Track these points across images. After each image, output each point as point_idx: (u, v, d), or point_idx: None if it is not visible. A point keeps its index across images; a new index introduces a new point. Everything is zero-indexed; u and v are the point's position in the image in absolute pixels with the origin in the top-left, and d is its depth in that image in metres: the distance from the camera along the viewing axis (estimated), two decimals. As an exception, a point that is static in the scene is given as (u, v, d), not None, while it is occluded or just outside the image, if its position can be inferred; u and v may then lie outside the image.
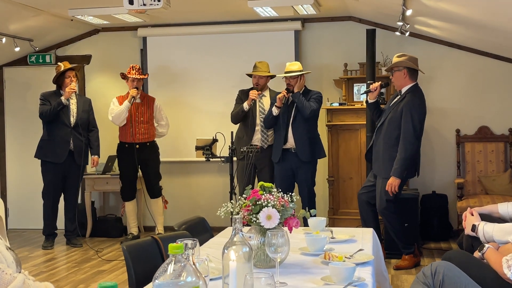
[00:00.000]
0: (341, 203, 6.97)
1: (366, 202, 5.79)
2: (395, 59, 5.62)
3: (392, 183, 5.42)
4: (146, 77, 7.04)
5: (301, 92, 6.08)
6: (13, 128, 8.20)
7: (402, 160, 5.40)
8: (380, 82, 5.75)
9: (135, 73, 6.88)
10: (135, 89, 6.85)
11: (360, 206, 5.87)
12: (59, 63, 6.91)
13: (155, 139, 7.16)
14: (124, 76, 6.94)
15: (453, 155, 7.19)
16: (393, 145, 5.48)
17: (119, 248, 6.81)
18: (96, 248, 6.75)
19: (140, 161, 7.01)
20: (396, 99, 5.63)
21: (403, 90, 5.57)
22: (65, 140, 6.77)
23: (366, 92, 5.81)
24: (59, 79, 6.81)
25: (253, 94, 6.34)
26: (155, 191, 7.19)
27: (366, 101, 5.86)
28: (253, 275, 1.96)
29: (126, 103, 6.86)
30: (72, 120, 6.80)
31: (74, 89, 6.72)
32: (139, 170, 7.16)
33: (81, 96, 7.08)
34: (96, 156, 7.00)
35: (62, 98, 6.67)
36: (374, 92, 5.72)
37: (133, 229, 7.25)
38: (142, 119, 6.98)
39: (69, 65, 6.84)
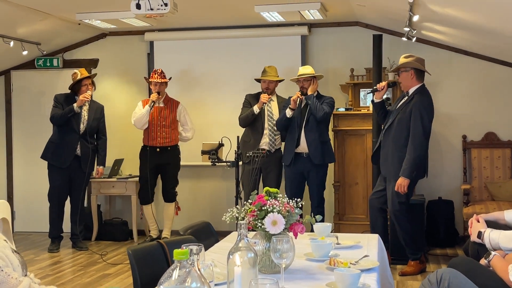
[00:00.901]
0: (347, 208, 6.96)
1: (378, 209, 5.77)
2: (402, 60, 5.62)
3: (402, 183, 5.41)
4: (166, 80, 6.99)
5: (314, 95, 6.11)
6: (21, 131, 8.23)
7: (412, 160, 5.39)
8: (387, 81, 5.76)
9: (157, 77, 6.91)
10: (156, 93, 6.87)
11: (371, 212, 5.85)
12: (75, 71, 6.91)
13: (178, 144, 7.15)
14: (147, 80, 6.98)
15: (459, 161, 7.18)
16: (402, 146, 5.48)
17: (124, 251, 6.82)
18: (102, 252, 6.76)
19: (160, 165, 7.01)
20: (403, 100, 5.62)
21: (410, 91, 5.57)
22: (72, 147, 6.78)
23: (373, 91, 5.80)
24: (75, 86, 6.83)
25: (264, 97, 6.38)
26: (169, 196, 7.19)
27: (372, 100, 5.85)
28: (258, 280, 1.96)
29: (146, 107, 6.88)
30: (82, 127, 6.81)
31: (88, 98, 6.72)
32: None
33: (95, 103, 7.05)
34: (101, 167, 7.01)
35: (75, 105, 6.67)
36: (381, 91, 5.72)
37: (153, 231, 7.24)
38: (164, 123, 6.98)
39: (86, 73, 6.86)
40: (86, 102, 6.77)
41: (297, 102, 6.13)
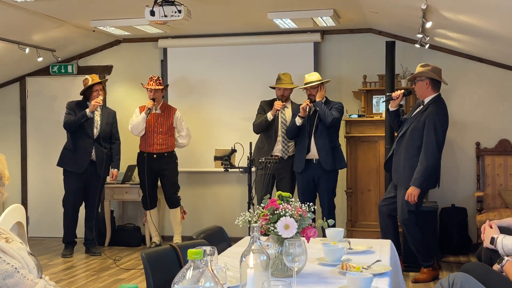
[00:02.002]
0: (359, 215, 6.95)
1: (388, 215, 5.76)
2: (418, 69, 5.60)
3: (412, 192, 5.40)
4: (161, 87, 7.02)
5: (323, 101, 6.12)
6: (35, 137, 8.30)
7: (423, 170, 5.38)
8: (403, 91, 5.75)
9: (152, 84, 6.96)
10: (151, 100, 6.93)
11: (381, 218, 5.85)
12: (87, 76, 6.98)
13: (175, 150, 7.20)
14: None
15: (472, 168, 7.15)
16: (414, 155, 5.46)
17: (137, 257, 6.85)
18: (115, 257, 6.79)
19: (157, 171, 7.06)
20: (418, 109, 5.60)
21: (426, 100, 5.56)
22: (87, 151, 6.84)
23: (388, 100, 5.79)
24: (86, 92, 6.90)
25: (278, 104, 6.40)
26: (172, 201, 7.22)
27: (387, 109, 5.84)
28: (270, 282, 1.98)
29: (143, 114, 6.95)
30: (96, 132, 6.88)
31: (99, 103, 6.79)
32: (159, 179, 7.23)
33: (106, 108, 7.13)
34: (115, 170, 7.07)
35: (87, 110, 6.74)
36: (396, 100, 5.70)
37: (155, 238, 7.30)
38: (161, 129, 7.04)
39: (97, 79, 6.93)
40: (98, 107, 6.83)
41: (306, 110, 6.14)
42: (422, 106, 5.58)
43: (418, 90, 5.59)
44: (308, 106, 6.13)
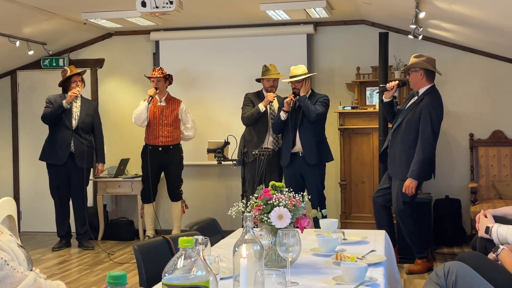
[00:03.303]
0: (353, 207, 6.94)
1: (382, 206, 5.75)
2: (412, 60, 5.56)
3: (409, 185, 5.38)
4: (161, 76, 6.94)
5: (307, 95, 6.06)
6: (27, 131, 8.24)
7: (420, 162, 5.36)
8: (397, 82, 5.71)
9: (155, 73, 6.93)
10: (153, 89, 6.90)
11: (376, 210, 5.83)
12: (65, 67, 6.98)
13: (181, 142, 7.16)
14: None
15: (466, 159, 7.14)
16: (410, 146, 5.44)
17: (130, 251, 6.81)
18: (108, 251, 6.75)
19: (162, 163, 7.02)
20: (413, 100, 5.57)
21: (421, 91, 5.53)
22: (66, 143, 6.81)
23: (382, 91, 5.75)
24: (65, 83, 6.87)
25: (271, 96, 6.35)
26: (175, 195, 7.18)
27: (381, 100, 5.81)
28: (264, 271, 1.95)
29: (144, 103, 6.90)
30: (74, 122, 6.83)
31: (76, 94, 6.75)
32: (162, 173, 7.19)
33: (87, 100, 7.12)
34: (101, 165, 7.03)
35: (64, 101, 6.72)
36: (391, 91, 5.66)
37: (149, 231, 7.26)
38: (166, 121, 6.99)
39: (75, 70, 6.89)
40: (76, 98, 6.80)
41: (291, 104, 6.07)
42: (416, 97, 5.55)
43: (413, 81, 5.56)
44: (292, 101, 6.06)
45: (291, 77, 6.10)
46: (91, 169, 7.20)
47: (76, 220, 7.03)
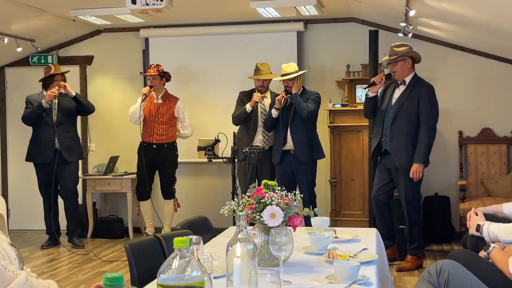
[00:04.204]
0: (343, 204, 6.94)
1: (385, 203, 5.73)
2: (397, 50, 5.58)
3: (417, 169, 5.43)
4: (156, 73, 6.88)
5: (299, 92, 6.06)
6: (15, 128, 8.17)
7: (427, 146, 5.44)
8: (384, 74, 5.71)
9: (150, 71, 6.90)
10: (147, 87, 6.87)
11: (377, 208, 5.76)
12: (49, 64, 6.91)
13: (176, 141, 7.12)
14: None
15: (455, 157, 7.17)
16: (415, 133, 5.49)
17: (120, 248, 6.79)
18: (97, 250, 6.72)
19: (156, 161, 6.99)
20: (401, 90, 5.58)
21: (407, 79, 5.57)
22: (50, 140, 6.76)
23: (370, 85, 5.69)
24: (46, 81, 6.81)
25: (256, 96, 6.35)
26: (167, 193, 7.15)
27: (366, 95, 5.77)
28: (258, 271, 1.95)
29: (138, 100, 6.86)
30: (55, 119, 6.78)
31: (55, 93, 6.67)
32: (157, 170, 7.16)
33: (66, 96, 6.90)
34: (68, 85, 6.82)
35: (43, 101, 6.65)
36: (379, 84, 5.66)
37: (149, 228, 7.21)
38: (162, 119, 6.94)
39: (59, 70, 6.83)
40: (54, 97, 6.72)
41: (282, 102, 6.07)
42: (405, 86, 5.56)
43: (400, 70, 5.58)
44: (284, 98, 6.05)
45: (282, 75, 6.09)
46: (80, 161, 7.13)
47: (66, 218, 6.98)
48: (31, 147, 6.89)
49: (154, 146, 6.93)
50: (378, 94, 5.82)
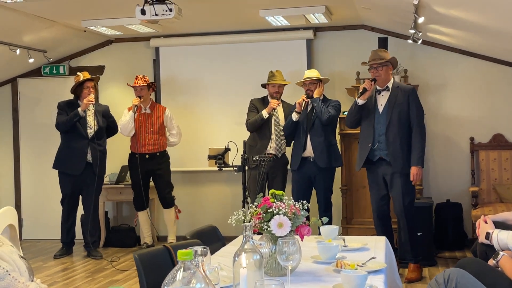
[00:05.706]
0: (355, 212, 6.93)
1: (388, 214, 5.68)
2: (380, 54, 5.57)
3: (417, 172, 5.41)
4: (145, 84, 6.91)
5: (320, 98, 6.08)
6: (28, 139, 8.24)
7: (422, 147, 5.45)
8: (370, 79, 5.60)
9: (137, 82, 6.92)
10: (137, 98, 6.90)
11: (382, 221, 5.68)
12: (78, 73, 6.88)
13: (167, 149, 7.16)
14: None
15: (467, 163, 7.14)
16: (408, 136, 5.49)
17: (132, 257, 6.80)
18: (110, 258, 6.75)
19: (150, 171, 7.02)
20: (387, 95, 5.54)
21: (389, 85, 5.58)
22: (82, 152, 6.70)
23: (363, 93, 5.57)
24: (77, 89, 6.79)
25: (274, 103, 6.37)
26: (166, 201, 7.19)
27: (356, 103, 5.61)
28: (263, 282, 1.95)
29: (130, 113, 6.89)
30: (90, 131, 6.75)
31: (92, 101, 6.65)
32: (151, 180, 7.19)
33: (100, 105, 7.01)
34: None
35: (79, 109, 6.62)
36: (369, 91, 5.56)
37: (147, 238, 7.27)
38: (152, 129, 6.99)
39: (88, 76, 6.82)
40: (90, 105, 6.74)
41: (303, 106, 6.09)
42: (388, 92, 5.54)
43: (384, 75, 5.56)
44: (304, 102, 6.07)
45: (305, 79, 6.13)
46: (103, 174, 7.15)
47: (84, 229, 6.95)
48: (62, 156, 6.79)
49: (147, 156, 6.97)
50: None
